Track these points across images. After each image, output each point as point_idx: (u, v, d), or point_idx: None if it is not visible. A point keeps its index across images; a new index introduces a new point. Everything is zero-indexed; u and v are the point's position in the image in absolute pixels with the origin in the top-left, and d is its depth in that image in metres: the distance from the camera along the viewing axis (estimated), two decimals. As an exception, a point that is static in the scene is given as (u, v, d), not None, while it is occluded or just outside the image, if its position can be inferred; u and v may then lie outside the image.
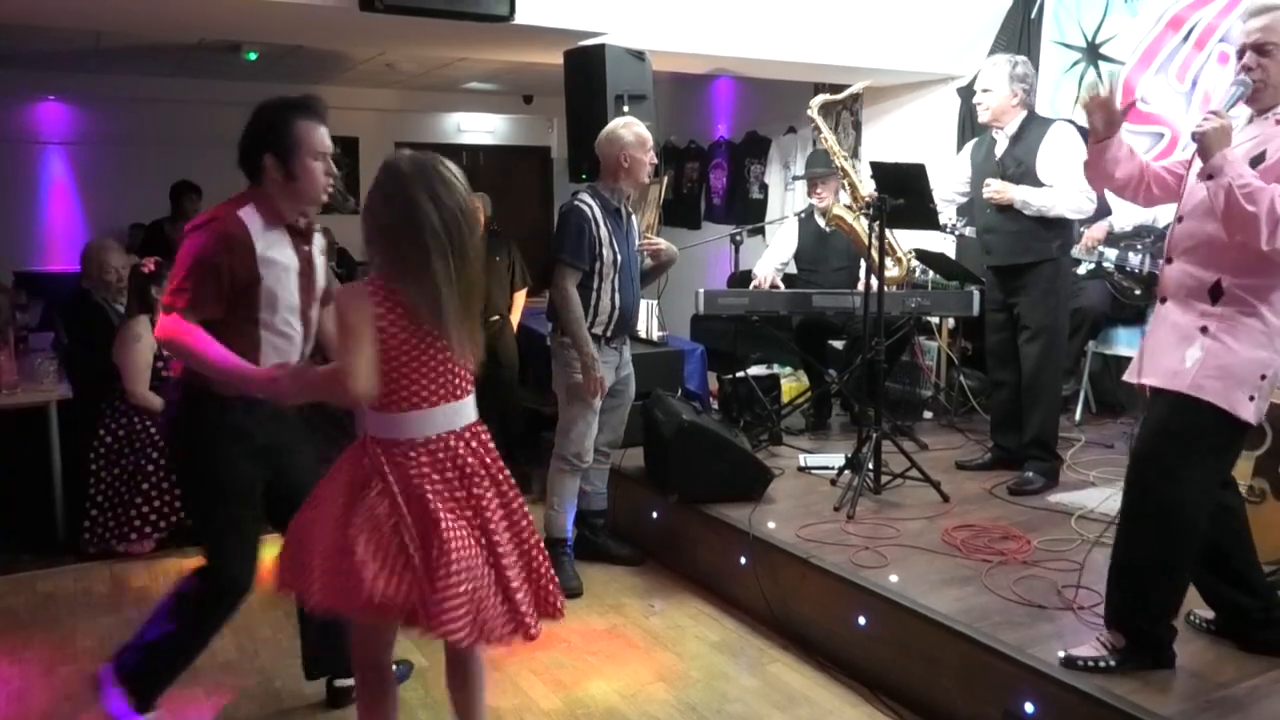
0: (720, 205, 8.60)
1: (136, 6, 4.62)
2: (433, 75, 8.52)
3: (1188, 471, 2.46)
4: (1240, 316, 2.39)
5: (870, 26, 5.72)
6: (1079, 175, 3.76)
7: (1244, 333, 2.39)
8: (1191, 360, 2.42)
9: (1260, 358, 2.39)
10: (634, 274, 3.91)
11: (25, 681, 3.21)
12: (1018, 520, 3.73)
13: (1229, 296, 2.40)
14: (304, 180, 2.56)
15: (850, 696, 3.05)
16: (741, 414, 4.93)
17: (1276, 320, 2.40)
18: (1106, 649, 2.57)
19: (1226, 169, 2.32)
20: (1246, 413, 2.40)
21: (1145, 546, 2.52)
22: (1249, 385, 2.39)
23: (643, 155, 3.78)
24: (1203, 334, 2.43)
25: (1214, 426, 2.43)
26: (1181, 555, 2.52)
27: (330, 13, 4.50)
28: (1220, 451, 2.51)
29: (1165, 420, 2.50)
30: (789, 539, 3.55)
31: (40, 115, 8.49)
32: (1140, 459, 2.54)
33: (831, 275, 5.23)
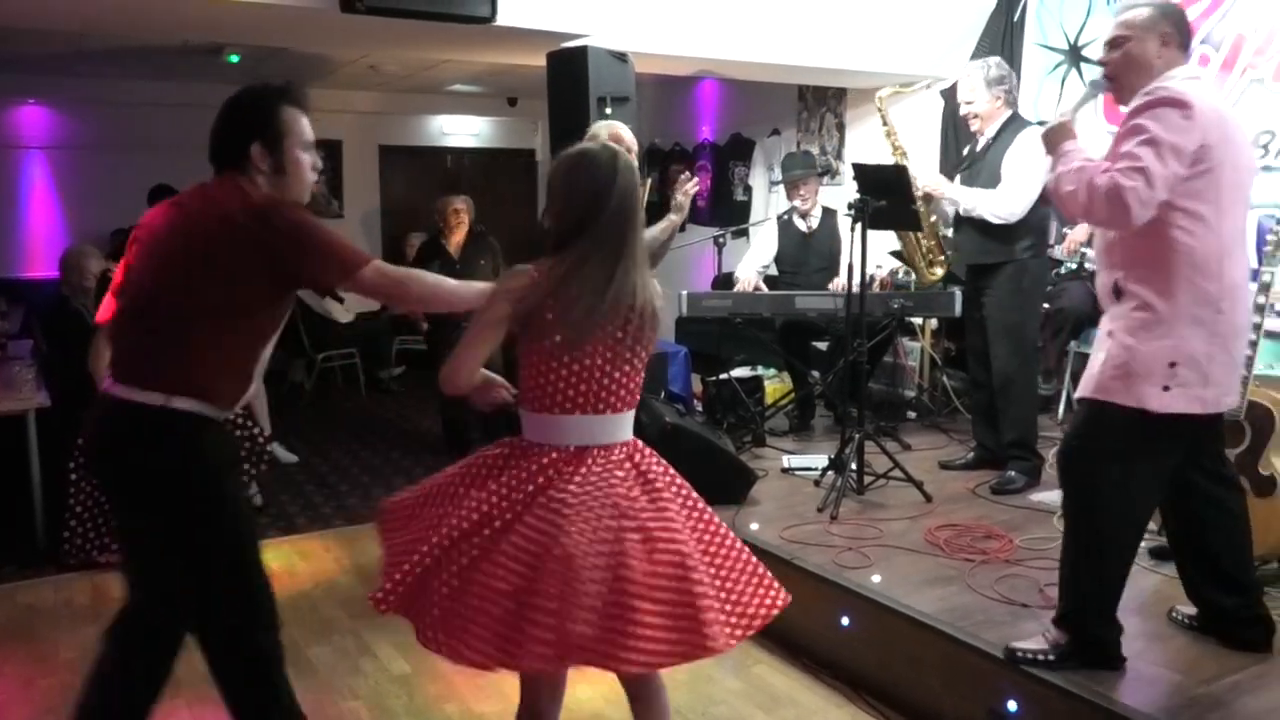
0: (704, 207, 8.60)
1: (118, 9, 4.59)
2: (416, 77, 8.50)
3: (1106, 473, 2.49)
4: (1135, 312, 2.44)
5: (854, 28, 5.73)
6: (1018, 181, 3.91)
7: (1139, 327, 2.42)
8: (1098, 365, 2.49)
9: (1163, 347, 2.39)
10: None
11: (5, 694, 3.17)
12: (1000, 519, 3.75)
13: (1127, 294, 2.46)
14: (292, 173, 2.29)
15: (834, 697, 3.05)
16: (725, 416, 4.93)
17: (1171, 308, 2.39)
18: (1048, 644, 2.59)
19: (1062, 159, 2.47)
20: (1158, 405, 2.39)
21: (1077, 549, 2.58)
22: (1158, 377, 2.39)
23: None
24: (1109, 337, 2.49)
25: (1125, 425, 2.43)
26: (1111, 555, 2.54)
27: (311, 14, 4.47)
28: (1141, 449, 2.47)
29: (1079, 425, 2.58)
30: (773, 540, 3.55)
31: (20, 119, 8.42)
32: (1062, 467, 2.63)
33: (813, 277, 5.24)
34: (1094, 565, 2.56)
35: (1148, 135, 2.32)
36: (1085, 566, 2.57)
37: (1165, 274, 2.39)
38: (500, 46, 5.38)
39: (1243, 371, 3.01)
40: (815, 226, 5.31)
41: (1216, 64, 4.80)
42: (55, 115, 8.42)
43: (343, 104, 9.36)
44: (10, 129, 8.36)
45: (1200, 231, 2.37)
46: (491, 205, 9.33)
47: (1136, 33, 2.51)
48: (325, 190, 9.60)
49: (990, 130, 4.09)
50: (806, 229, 5.31)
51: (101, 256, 5.02)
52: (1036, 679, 2.55)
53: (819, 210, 5.32)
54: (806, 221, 5.32)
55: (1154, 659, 2.66)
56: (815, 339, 5.42)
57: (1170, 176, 2.31)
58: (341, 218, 9.54)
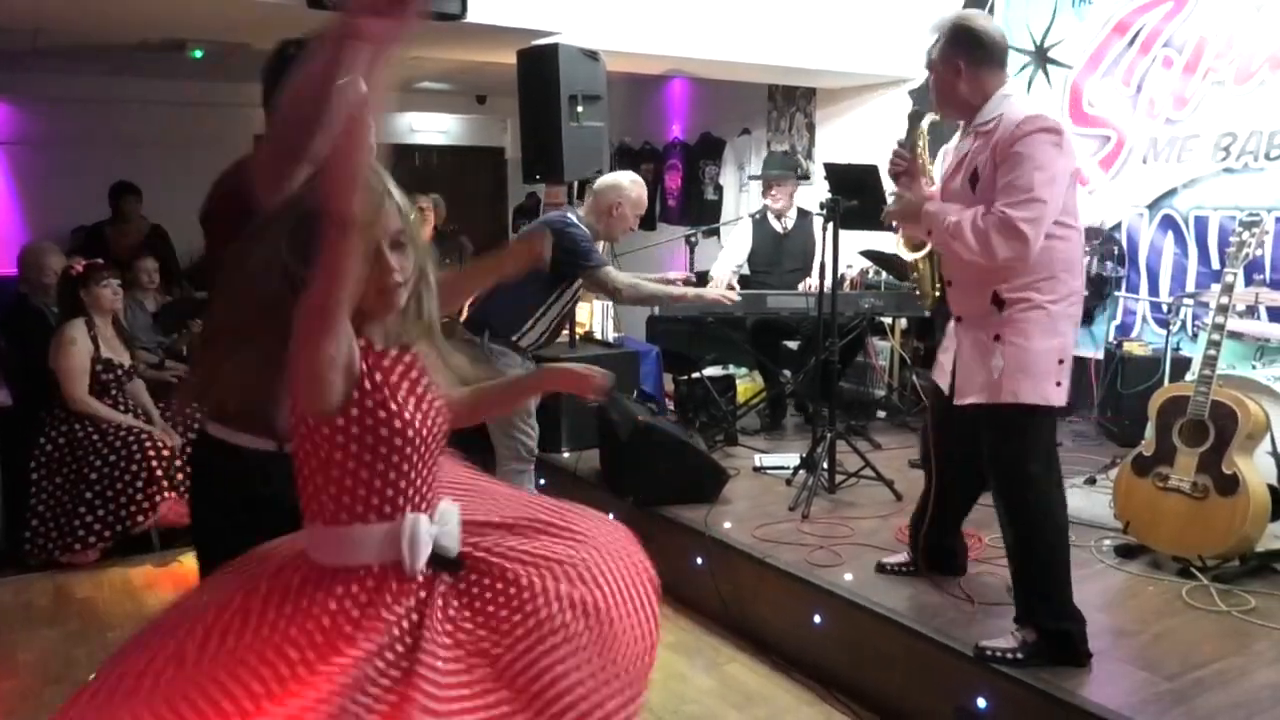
0: (675, 207, 8.61)
1: (81, 5, 4.51)
2: (385, 75, 8.42)
3: (1034, 469, 2.61)
4: (1023, 314, 2.56)
5: (824, 29, 5.75)
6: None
7: (1031, 327, 2.55)
8: (997, 370, 2.58)
9: (1052, 346, 2.56)
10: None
11: (-38, 697, 3.11)
12: (970, 518, 3.74)
13: (1009, 301, 2.57)
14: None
15: (806, 695, 3.05)
16: (697, 415, 4.93)
17: (1053, 306, 2.56)
18: (1017, 642, 2.63)
19: (932, 223, 2.61)
20: (1058, 398, 2.58)
21: (1029, 551, 2.65)
22: (1052, 373, 2.56)
23: (631, 214, 3.88)
24: (997, 341, 2.58)
25: (1035, 421, 2.60)
26: (1060, 548, 2.65)
27: (278, 10, 4.42)
28: (1047, 438, 2.67)
29: (998, 432, 2.65)
30: (745, 539, 3.56)
31: (-22, 114, 8.27)
32: (993, 473, 2.70)
33: (786, 277, 5.25)
34: (1047, 562, 2.63)
35: (1033, 163, 2.46)
36: (1040, 566, 2.64)
37: (1048, 277, 2.55)
38: (471, 43, 5.35)
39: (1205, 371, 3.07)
40: (790, 227, 5.33)
41: (1179, 67, 4.86)
42: (14, 111, 8.26)
43: (310, 100, 9.26)
44: (-32, 124, 8.20)
45: (1072, 236, 2.58)
46: (461, 204, 9.28)
47: (935, 65, 2.68)
48: (292, 188, 9.50)
49: None
50: (781, 229, 5.33)
51: (60, 253, 4.93)
52: (1005, 676, 2.57)
53: (794, 211, 5.34)
54: (781, 222, 5.33)
55: (1120, 655, 2.69)
56: (786, 338, 5.43)
57: (1057, 201, 2.48)
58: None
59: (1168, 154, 4.94)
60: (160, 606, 1.68)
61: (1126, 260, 5.07)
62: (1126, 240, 5.10)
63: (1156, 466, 3.22)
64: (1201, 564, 3.16)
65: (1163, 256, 4.95)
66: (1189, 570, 3.17)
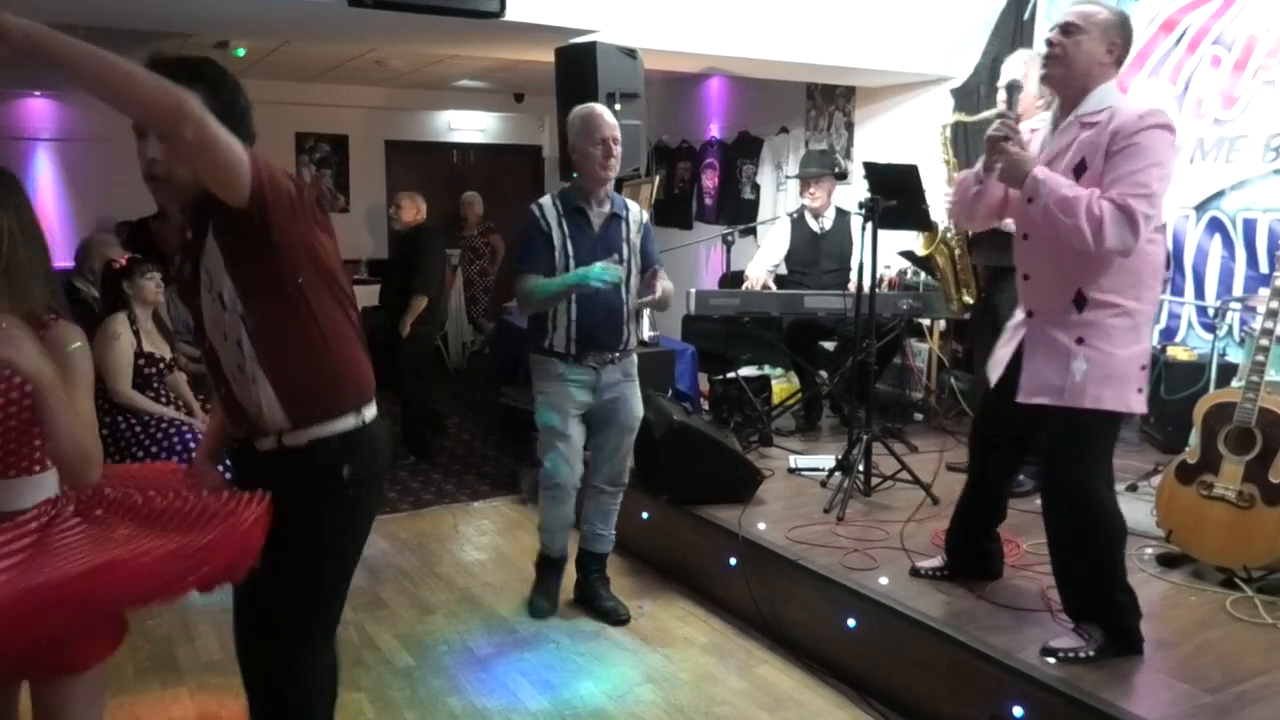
0: (712, 205, 8.59)
1: (124, 2, 4.58)
2: (423, 73, 8.48)
3: (1099, 473, 2.59)
4: (1108, 319, 2.50)
5: (863, 27, 5.71)
6: None
7: (1116, 334, 2.50)
8: (1079, 374, 2.51)
9: (1136, 352, 2.52)
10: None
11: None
12: (1007, 524, 3.70)
13: (1092, 303, 2.50)
14: None
15: (838, 699, 3.03)
16: (732, 415, 4.91)
17: (1140, 313, 2.52)
18: (1084, 639, 2.63)
19: (1041, 189, 2.47)
20: (1140, 405, 2.56)
21: (1091, 554, 2.62)
22: (1135, 379, 2.53)
23: (587, 146, 3.34)
24: (1080, 344, 2.51)
25: (1110, 428, 2.57)
26: (1120, 547, 2.64)
27: (319, 8, 4.47)
28: (1112, 444, 2.63)
29: (1069, 435, 2.60)
30: (779, 540, 3.54)
31: (26, 111, 8.43)
32: (1055, 478, 2.66)
33: (823, 277, 5.21)
34: (1110, 563, 2.61)
35: (1154, 159, 2.39)
36: (1094, 566, 2.62)
37: (1136, 281, 2.49)
38: (509, 42, 5.37)
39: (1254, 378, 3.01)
40: (828, 227, 5.28)
41: (1228, 65, 4.77)
42: (61, 107, 8.43)
43: (349, 99, 9.36)
44: (17, 121, 8.37)
45: (1160, 241, 2.53)
46: (498, 201, 9.33)
47: (1093, 30, 2.54)
48: (331, 185, 9.61)
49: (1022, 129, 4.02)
50: (819, 229, 5.29)
51: (119, 246, 5.06)
52: (1041, 684, 2.54)
53: (832, 210, 5.29)
54: (819, 221, 5.29)
55: (1160, 667, 2.64)
56: (823, 339, 5.39)
57: (1162, 198, 2.43)
58: (347, 212, 9.54)
59: (1215, 154, 4.84)
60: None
61: (1172, 263, 4.98)
62: (1172, 243, 5.00)
63: (1201, 475, 3.16)
64: (1246, 575, 3.10)
65: (1209, 259, 4.85)
66: (1233, 581, 3.11)
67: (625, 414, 3.53)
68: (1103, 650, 2.60)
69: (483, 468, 5.75)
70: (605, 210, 3.44)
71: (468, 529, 4.69)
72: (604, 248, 3.39)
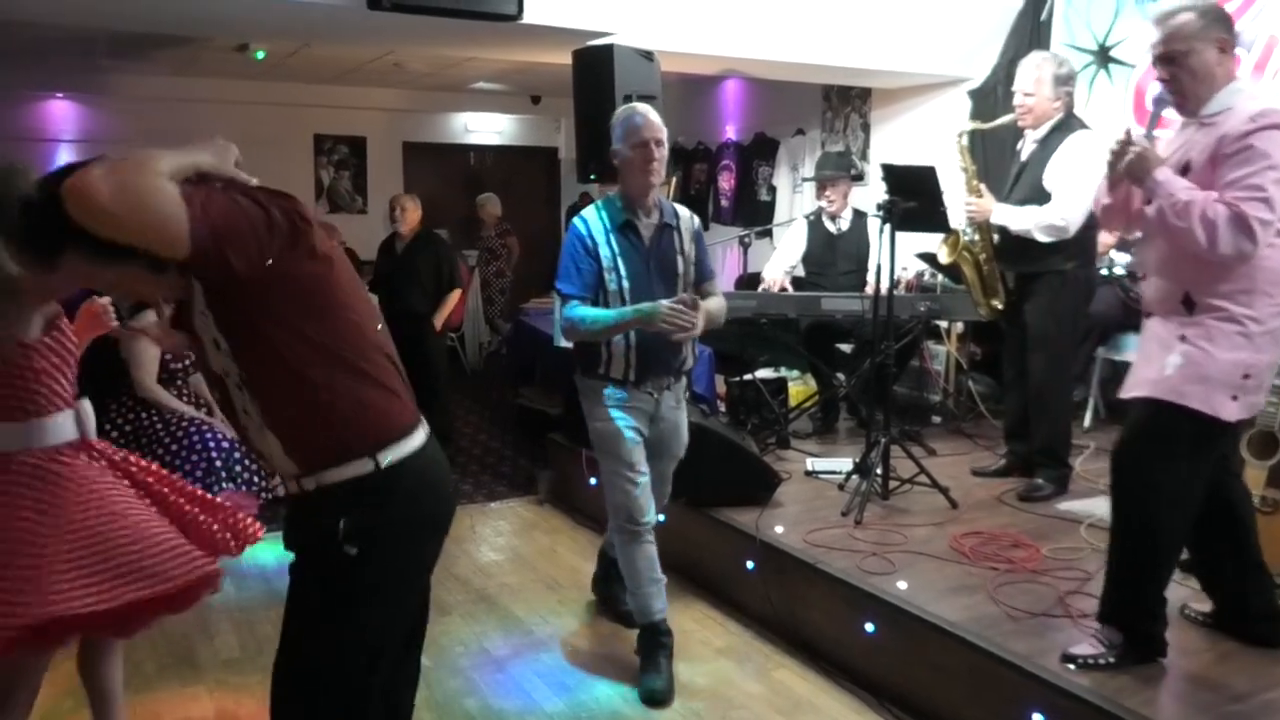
0: (728, 207, 8.58)
1: (145, 4, 4.61)
2: (440, 75, 8.51)
3: (1168, 475, 2.50)
4: (1216, 323, 2.43)
5: (880, 28, 5.69)
6: (1070, 193, 3.77)
7: (1221, 337, 2.43)
8: (1172, 367, 2.46)
9: (1239, 359, 2.42)
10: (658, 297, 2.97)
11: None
12: (1027, 528, 3.70)
13: (1201, 306, 2.45)
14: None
15: (856, 704, 3.02)
16: (749, 417, 4.90)
17: (1253, 322, 2.42)
18: (1105, 645, 2.59)
19: (1159, 191, 2.42)
20: (1229, 413, 2.44)
21: (1135, 549, 2.57)
22: (1230, 386, 2.43)
23: (626, 149, 3.01)
24: (1181, 341, 2.46)
25: (1194, 430, 2.47)
26: (1169, 555, 2.58)
27: (338, 11, 4.49)
28: (1201, 451, 2.53)
29: (1145, 425, 2.54)
30: (796, 544, 3.52)
31: (48, 113, 8.50)
32: (1121, 465, 2.58)
33: (840, 279, 5.19)
34: (1150, 565, 2.56)
35: (1268, 161, 2.32)
36: (1140, 567, 2.57)
37: (1249, 288, 2.41)
38: (526, 44, 5.38)
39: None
40: (845, 229, 5.26)
41: (1248, 65, 4.72)
42: (82, 109, 8.50)
43: (367, 101, 9.40)
44: (38, 123, 8.45)
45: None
46: (514, 203, 9.35)
47: (1193, 44, 2.45)
48: (349, 187, 9.66)
49: (1039, 131, 3.95)
50: (835, 230, 5.27)
51: None
52: (1062, 691, 2.51)
53: (849, 212, 5.27)
54: (836, 223, 5.27)
55: (1183, 674, 2.61)
56: (840, 341, 5.37)
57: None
58: (365, 213, 9.58)
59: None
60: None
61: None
62: (1193, 245, 4.96)
63: (1224, 479, 3.12)
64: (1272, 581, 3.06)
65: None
66: (1257, 586, 3.07)
67: (678, 442, 3.30)
68: (1124, 656, 2.57)
69: (499, 468, 5.75)
70: (654, 220, 3.09)
71: (484, 530, 4.70)
72: (658, 264, 3.07)
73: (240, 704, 3.03)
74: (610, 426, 3.09)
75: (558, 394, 5.29)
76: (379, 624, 1.79)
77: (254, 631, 3.50)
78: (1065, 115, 3.95)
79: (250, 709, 3.00)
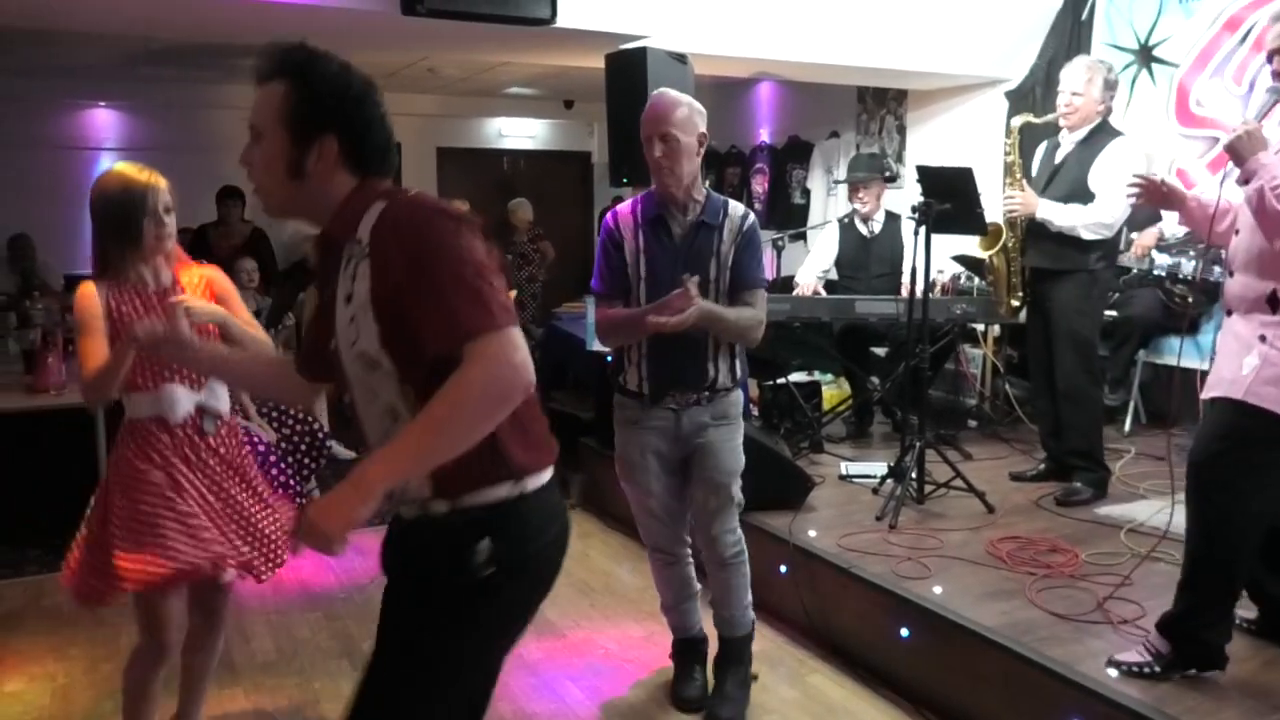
0: (762, 210, 8.55)
1: (183, 14, 4.69)
2: (474, 80, 8.57)
3: (1245, 479, 2.43)
4: None
5: (916, 29, 5.65)
6: (1112, 195, 3.75)
7: None
8: (1249, 368, 2.39)
9: None
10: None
11: (70, 678, 3.25)
12: (1065, 533, 3.65)
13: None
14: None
15: (892, 710, 2.99)
16: (782, 421, 4.88)
17: None
18: (1151, 654, 2.53)
19: (1261, 172, 2.35)
20: None
21: (1213, 556, 2.49)
22: None
23: (644, 144, 2.80)
24: (1261, 342, 2.39)
25: (1270, 433, 2.38)
26: (1243, 562, 2.50)
27: (373, 17, 4.53)
28: (1270, 458, 2.44)
29: (1222, 427, 2.47)
30: (830, 548, 3.50)
31: (90, 122, 8.65)
32: (1198, 468, 2.51)
33: (873, 282, 5.16)
34: (1223, 572, 2.50)
35: None
36: (1213, 573, 2.50)
37: None
38: (559, 48, 5.40)
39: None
40: (877, 231, 5.23)
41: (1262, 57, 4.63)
42: (124, 118, 8.65)
43: (402, 107, 9.44)
44: (81, 132, 8.60)
45: None
46: (547, 207, 9.38)
47: None
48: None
49: (1079, 133, 3.95)
50: (868, 233, 5.23)
51: None
52: (1102, 698, 2.47)
53: (882, 214, 5.24)
54: (868, 225, 5.24)
55: (1228, 681, 2.56)
56: (875, 344, 5.33)
57: None
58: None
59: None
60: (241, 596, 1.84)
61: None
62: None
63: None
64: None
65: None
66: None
67: (711, 465, 2.86)
68: (1170, 667, 2.50)
69: (532, 472, 5.75)
70: (691, 218, 2.80)
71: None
72: (689, 263, 2.72)
73: (277, 705, 3.06)
74: (620, 445, 2.95)
75: (590, 398, 5.29)
76: (486, 664, 1.71)
77: (290, 634, 3.54)
78: (1104, 120, 3.97)
79: (286, 711, 3.03)
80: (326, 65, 1.72)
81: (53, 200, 8.32)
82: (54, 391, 4.46)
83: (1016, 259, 4.13)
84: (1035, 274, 4.10)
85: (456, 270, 1.47)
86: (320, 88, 1.68)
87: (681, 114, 2.77)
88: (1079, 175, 3.90)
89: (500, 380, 1.46)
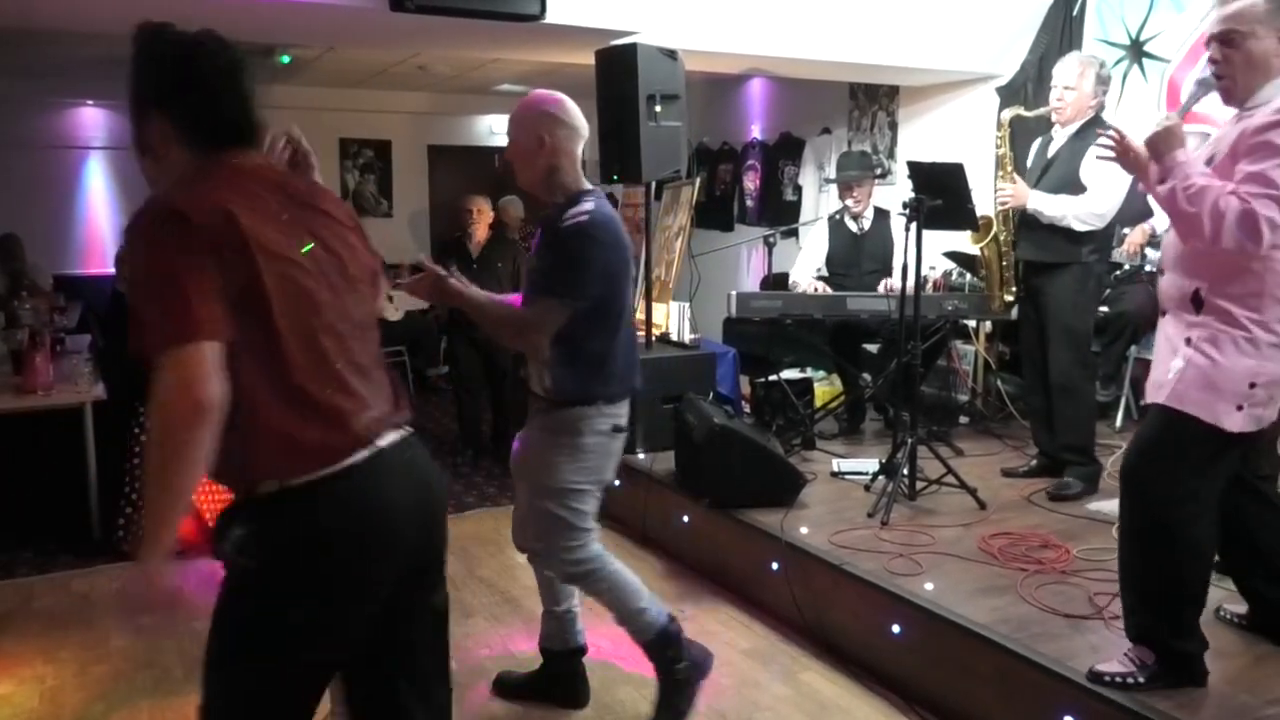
0: (754, 207, 8.55)
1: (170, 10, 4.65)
2: (465, 78, 8.54)
3: (1180, 486, 2.39)
4: (1221, 325, 2.33)
5: (907, 25, 5.64)
6: (1107, 186, 3.77)
7: (1226, 342, 2.32)
8: (1174, 371, 2.38)
9: (1246, 366, 2.31)
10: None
11: (59, 680, 3.22)
12: (1056, 528, 3.65)
13: (1209, 306, 2.35)
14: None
15: (884, 707, 2.99)
16: (774, 418, 4.88)
17: (1262, 329, 2.31)
18: (1135, 665, 2.49)
19: (1176, 170, 2.32)
20: (1232, 423, 2.33)
21: (1154, 566, 2.45)
22: (1235, 395, 2.32)
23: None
24: (1186, 345, 2.38)
25: (1201, 437, 2.36)
26: (1193, 570, 2.45)
27: (362, 14, 4.50)
28: (1208, 461, 2.41)
29: (1152, 433, 2.46)
30: (822, 545, 3.50)
31: (78, 120, 8.61)
32: (1130, 475, 2.48)
33: (865, 278, 5.15)
34: (1181, 584, 2.45)
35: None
36: (1171, 587, 2.45)
37: (1259, 293, 2.30)
38: (549, 44, 5.38)
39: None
40: (867, 228, 5.22)
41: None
42: (112, 116, 8.60)
43: (392, 104, 9.45)
44: (69, 130, 8.56)
45: None
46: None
47: (1256, 29, 2.33)
48: (375, 190, 9.71)
49: (1070, 128, 3.96)
50: (858, 230, 5.23)
51: None
52: (1094, 694, 2.47)
53: (871, 211, 5.23)
54: (859, 222, 5.23)
55: (1220, 677, 2.55)
56: (866, 341, 5.33)
57: None
58: (391, 217, 9.63)
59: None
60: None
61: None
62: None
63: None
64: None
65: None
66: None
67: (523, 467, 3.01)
68: (1156, 678, 2.46)
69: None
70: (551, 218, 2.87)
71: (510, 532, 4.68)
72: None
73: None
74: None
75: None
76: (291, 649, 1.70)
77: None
78: (1096, 115, 3.97)
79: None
80: (158, 43, 1.76)
81: (41, 200, 8.29)
82: (42, 392, 4.43)
83: (1009, 252, 4.14)
84: (1028, 267, 4.11)
85: (143, 281, 1.56)
86: (145, 65, 1.75)
87: (515, 115, 2.89)
88: (1071, 169, 3.90)
89: (169, 413, 1.46)
